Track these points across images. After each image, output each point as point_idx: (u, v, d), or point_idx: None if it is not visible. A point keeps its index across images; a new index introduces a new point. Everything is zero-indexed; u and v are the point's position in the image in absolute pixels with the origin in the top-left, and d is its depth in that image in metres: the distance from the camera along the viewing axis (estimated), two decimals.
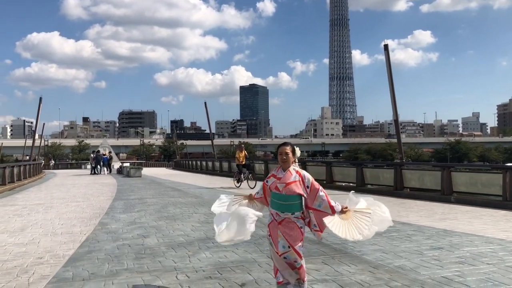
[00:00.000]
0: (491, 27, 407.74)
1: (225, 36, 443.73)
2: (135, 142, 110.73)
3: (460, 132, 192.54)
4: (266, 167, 22.60)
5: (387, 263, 5.13)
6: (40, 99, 31.35)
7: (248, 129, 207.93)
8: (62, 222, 8.63)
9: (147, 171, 34.78)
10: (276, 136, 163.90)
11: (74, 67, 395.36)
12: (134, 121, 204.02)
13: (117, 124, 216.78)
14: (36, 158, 41.85)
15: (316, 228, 3.80)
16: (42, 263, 5.31)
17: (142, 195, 14.61)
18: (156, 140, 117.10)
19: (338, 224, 3.74)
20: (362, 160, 78.90)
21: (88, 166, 39.83)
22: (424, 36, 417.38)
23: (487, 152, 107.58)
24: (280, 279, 3.83)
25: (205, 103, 37.83)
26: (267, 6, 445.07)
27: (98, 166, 32.70)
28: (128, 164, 39.11)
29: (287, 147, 3.89)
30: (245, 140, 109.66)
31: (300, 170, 3.86)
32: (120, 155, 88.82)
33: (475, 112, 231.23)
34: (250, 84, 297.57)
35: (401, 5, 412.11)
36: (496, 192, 10.94)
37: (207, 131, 77.35)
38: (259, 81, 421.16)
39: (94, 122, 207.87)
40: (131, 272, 4.87)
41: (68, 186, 19.26)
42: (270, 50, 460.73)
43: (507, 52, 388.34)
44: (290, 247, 3.66)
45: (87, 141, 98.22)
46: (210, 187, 17.90)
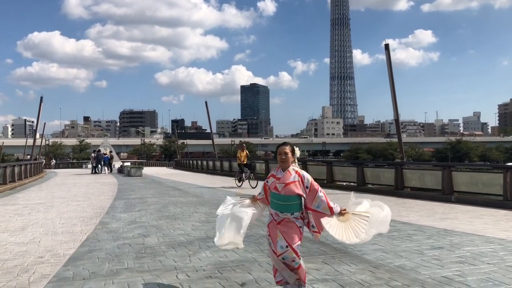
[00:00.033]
0: (492, 27, 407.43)
1: (226, 35, 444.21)
2: (136, 141, 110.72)
3: (461, 131, 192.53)
4: (267, 167, 22.62)
5: (387, 263, 5.13)
6: (41, 98, 31.45)
7: (249, 128, 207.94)
8: (62, 221, 8.64)
9: (147, 171, 34.79)
10: (277, 136, 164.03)
11: (75, 67, 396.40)
12: (135, 120, 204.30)
13: (118, 124, 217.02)
14: (37, 157, 41.87)
15: (315, 229, 3.80)
16: (42, 262, 5.32)
17: (142, 194, 14.62)
18: (157, 139, 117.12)
19: (336, 226, 3.74)
20: (362, 160, 78.81)
21: (89, 166, 39.91)
22: (425, 36, 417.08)
23: (488, 151, 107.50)
24: (279, 278, 3.84)
25: (205, 102, 38.09)
26: (268, 6, 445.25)
27: (99, 166, 32.75)
28: (128, 164, 39.20)
29: (286, 147, 3.89)
30: (246, 139, 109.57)
31: (299, 170, 3.86)
32: (121, 154, 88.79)
33: (476, 111, 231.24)
34: (251, 84, 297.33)
35: (402, 4, 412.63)
36: (497, 191, 10.93)
37: (208, 131, 77.57)
38: (260, 80, 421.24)
39: (95, 122, 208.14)
40: (131, 272, 4.88)
41: (69, 186, 19.29)
42: (271, 50, 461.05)
43: (508, 51, 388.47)
44: (288, 247, 3.66)
45: (88, 140, 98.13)
46: (211, 187, 17.92)
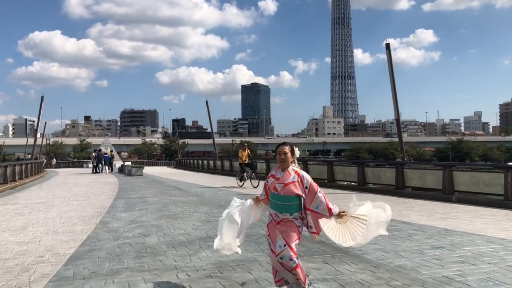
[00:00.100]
0: (494, 26, 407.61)
1: (226, 35, 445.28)
2: (137, 141, 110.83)
3: (462, 131, 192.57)
4: (268, 166, 22.62)
5: (387, 262, 5.12)
6: (42, 98, 31.37)
7: (249, 128, 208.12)
8: (63, 220, 8.64)
9: (148, 170, 34.81)
10: (277, 135, 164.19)
11: (76, 66, 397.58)
12: (135, 120, 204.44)
13: (118, 123, 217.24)
14: (38, 157, 41.90)
15: (313, 230, 3.78)
16: (43, 262, 5.32)
17: (143, 194, 14.63)
18: (158, 139, 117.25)
19: (333, 227, 3.74)
20: (363, 159, 78.82)
21: (90, 165, 39.97)
22: (426, 35, 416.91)
23: (489, 151, 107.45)
24: (279, 278, 3.83)
25: (206, 102, 38.01)
26: (269, 5, 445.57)
27: (100, 165, 32.77)
28: (129, 163, 39.17)
29: (286, 147, 3.88)
30: (246, 139, 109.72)
31: (299, 170, 3.85)
32: (122, 154, 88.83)
33: (477, 111, 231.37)
34: (251, 83, 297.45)
35: (403, 4, 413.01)
36: (498, 191, 10.91)
37: (209, 130, 77.57)
38: (260, 80, 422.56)
39: (95, 121, 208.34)
40: (131, 271, 4.87)
41: (70, 185, 19.30)
42: (271, 49, 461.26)
43: (509, 51, 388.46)
44: (286, 245, 3.66)
45: (89, 139, 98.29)
46: (212, 186, 17.91)
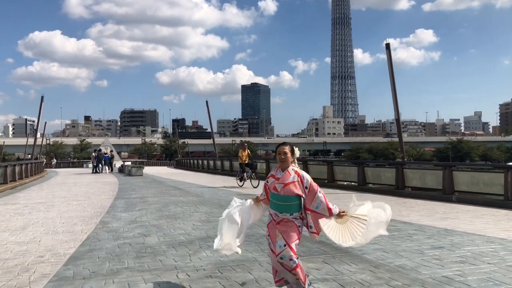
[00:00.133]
0: (494, 26, 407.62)
1: (226, 35, 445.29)
2: (137, 141, 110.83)
3: (462, 131, 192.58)
4: (268, 166, 22.62)
5: (387, 263, 5.12)
6: (42, 98, 31.36)
7: (249, 128, 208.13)
8: (63, 220, 8.64)
9: (148, 170, 34.81)
10: (277, 135, 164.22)
11: (76, 66, 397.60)
12: (135, 120, 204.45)
13: (118, 123, 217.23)
14: (38, 157, 41.90)
15: (313, 230, 3.78)
16: (43, 262, 5.32)
17: (143, 194, 14.63)
18: (158, 139, 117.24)
19: (333, 227, 3.74)
20: (363, 159, 78.81)
21: (90, 165, 39.97)
22: (426, 35, 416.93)
23: (489, 151, 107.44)
24: (279, 278, 3.83)
25: (206, 102, 38.02)
26: (269, 5, 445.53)
27: (100, 165, 32.76)
28: (129, 163, 39.17)
29: (286, 147, 3.88)
30: (246, 139, 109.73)
31: (299, 170, 3.85)
32: (122, 154, 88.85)
33: (477, 111, 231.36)
34: (251, 83, 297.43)
35: (403, 4, 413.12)
36: (498, 191, 10.91)
37: (209, 130, 77.57)
38: (260, 80, 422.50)
39: (95, 121, 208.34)
40: (131, 271, 4.87)
41: (70, 185, 19.29)
42: (271, 49, 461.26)
43: (509, 51, 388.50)
44: (286, 245, 3.66)
45: (89, 139, 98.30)
46: (212, 186, 17.90)
